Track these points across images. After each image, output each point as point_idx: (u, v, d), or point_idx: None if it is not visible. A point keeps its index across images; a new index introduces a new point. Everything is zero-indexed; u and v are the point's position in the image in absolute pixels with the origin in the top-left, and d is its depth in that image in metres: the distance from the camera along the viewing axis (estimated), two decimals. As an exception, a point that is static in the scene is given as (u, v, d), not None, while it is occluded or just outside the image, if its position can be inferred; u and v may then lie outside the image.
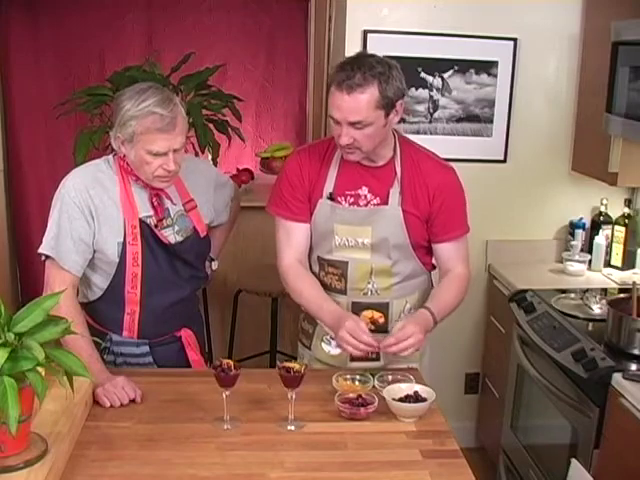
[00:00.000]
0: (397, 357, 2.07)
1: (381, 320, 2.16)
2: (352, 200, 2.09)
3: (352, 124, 1.93)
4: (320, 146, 2.17)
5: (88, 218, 2.00)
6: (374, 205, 2.09)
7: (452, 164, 2.19)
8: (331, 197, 2.10)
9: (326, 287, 2.17)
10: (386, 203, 2.08)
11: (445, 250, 2.17)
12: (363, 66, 1.91)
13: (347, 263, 2.12)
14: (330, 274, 2.16)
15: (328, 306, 2.08)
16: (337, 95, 1.92)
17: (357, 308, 2.15)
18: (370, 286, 2.14)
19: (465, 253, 2.21)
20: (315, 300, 2.11)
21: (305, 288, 2.13)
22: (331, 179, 2.10)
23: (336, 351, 2.14)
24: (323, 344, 2.22)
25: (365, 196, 2.09)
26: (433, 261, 2.24)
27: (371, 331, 2.02)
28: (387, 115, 1.96)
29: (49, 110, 3.67)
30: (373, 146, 2.01)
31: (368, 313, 2.15)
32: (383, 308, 2.16)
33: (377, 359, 2.16)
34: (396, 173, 2.09)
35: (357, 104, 1.90)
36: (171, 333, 2.20)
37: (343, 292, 2.16)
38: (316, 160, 2.13)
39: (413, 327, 1.94)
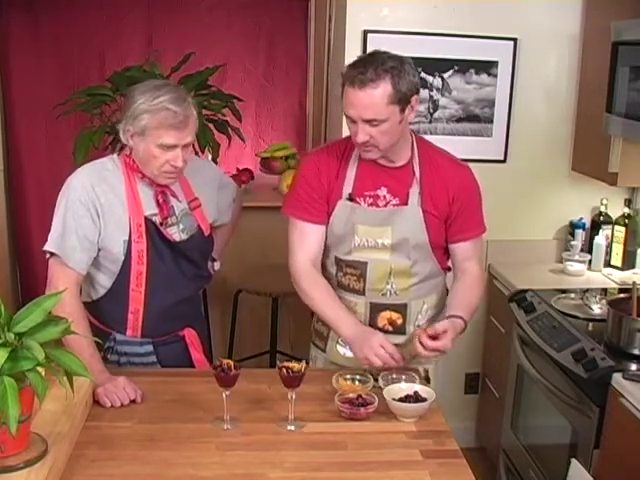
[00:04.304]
0: (416, 358, 2.08)
1: (399, 321, 2.15)
2: (371, 201, 2.08)
3: (367, 121, 1.91)
4: (337, 146, 2.14)
5: (94, 216, 2.01)
6: (394, 205, 2.07)
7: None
8: (350, 198, 2.08)
9: (344, 288, 2.16)
10: (406, 203, 2.06)
11: (463, 249, 2.16)
12: (375, 62, 1.89)
13: (366, 264, 2.11)
14: (349, 275, 2.15)
15: (347, 317, 2.07)
16: (350, 92, 1.90)
17: (375, 309, 2.15)
18: (389, 287, 2.13)
19: (481, 253, 2.21)
20: (331, 309, 2.09)
21: (319, 296, 2.11)
22: (349, 180, 2.08)
23: (352, 353, 2.12)
24: (338, 346, 2.21)
25: (384, 197, 2.08)
26: (448, 263, 2.23)
27: (389, 332, 2.03)
28: (402, 111, 1.94)
29: (49, 110, 3.67)
30: (390, 143, 1.99)
31: (386, 314, 2.14)
32: (401, 309, 2.15)
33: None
34: (415, 174, 2.07)
35: (370, 100, 1.88)
36: (174, 332, 2.20)
37: (361, 293, 2.14)
38: (334, 161, 2.10)
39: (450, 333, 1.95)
